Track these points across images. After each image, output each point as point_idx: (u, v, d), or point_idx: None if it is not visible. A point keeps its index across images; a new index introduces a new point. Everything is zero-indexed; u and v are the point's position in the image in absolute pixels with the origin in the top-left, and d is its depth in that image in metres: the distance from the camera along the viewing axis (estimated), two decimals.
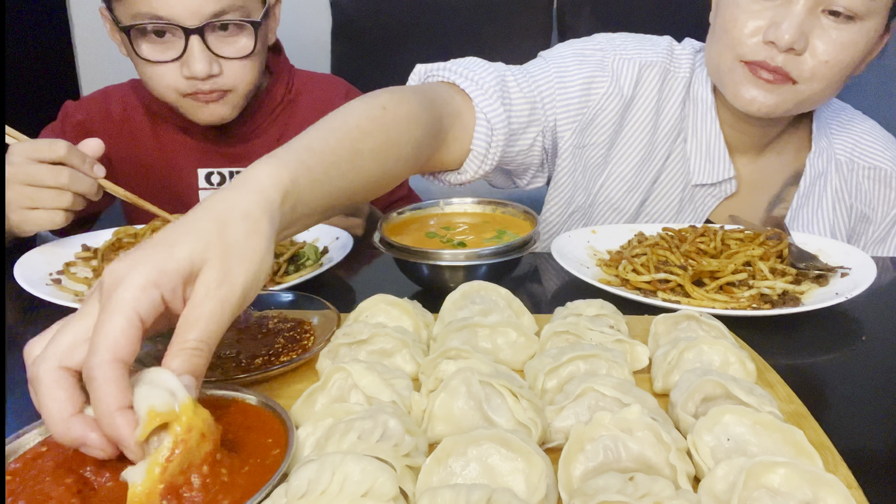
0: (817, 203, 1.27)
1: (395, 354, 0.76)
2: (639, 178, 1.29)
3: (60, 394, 0.54)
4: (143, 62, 1.28)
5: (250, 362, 0.77)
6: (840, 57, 1.09)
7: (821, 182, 1.27)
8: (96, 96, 1.51)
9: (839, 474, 0.58)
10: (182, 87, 1.30)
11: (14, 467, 0.58)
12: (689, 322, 0.80)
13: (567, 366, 0.70)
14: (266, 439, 0.60)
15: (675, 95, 1.27)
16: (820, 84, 1.12)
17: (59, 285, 1.01)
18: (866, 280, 0.94)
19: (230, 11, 1.27)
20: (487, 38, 2.37)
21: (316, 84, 1.56)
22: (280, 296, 0.91)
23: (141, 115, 1.47)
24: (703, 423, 0.60)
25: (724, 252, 1.04)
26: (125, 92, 1.50)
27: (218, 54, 1.28)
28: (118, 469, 0.54)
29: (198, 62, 1.25)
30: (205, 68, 1.26)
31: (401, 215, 1.12)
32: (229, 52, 1.29)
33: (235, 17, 1.28)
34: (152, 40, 1.27)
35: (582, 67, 1.25)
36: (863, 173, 1.27)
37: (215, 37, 1.28)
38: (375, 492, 0.52)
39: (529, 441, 0.57)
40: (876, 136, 1.30)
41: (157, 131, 1.47)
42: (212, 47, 1.27)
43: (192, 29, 1.24)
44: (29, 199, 1.02)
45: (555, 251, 1.05)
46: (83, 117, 1.47)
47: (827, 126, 1.30)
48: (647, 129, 1.27)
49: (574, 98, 1.23)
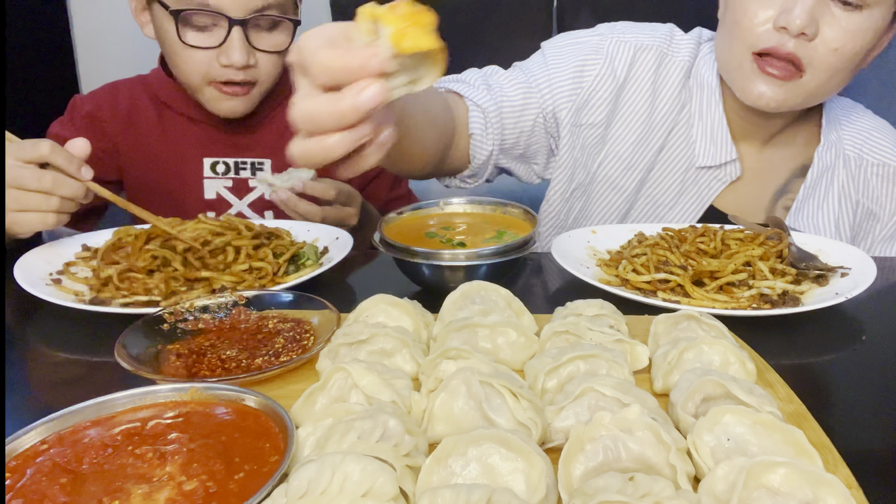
0: (823, 196, 1.28)
1: (395, 354, 0.76)
2: (636, 157, 1.31)
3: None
4: (179, 45, 1.32)
5: (250, 362, 0.77)
6: (849, 45, 1.10)
7: (828, 175, 1.28)
8: (104, 89, 1.53)
9: (839, 474, 0.58)
10: (215, 73, 1.33)
11: (12, 465, 0.58)
12: (689, 322, 0.80)
13: (567, 366, 0.70)
14: (264, 444, 0.60)
15: (673, 79, 1.29)
16: (827, 73, 1.13)
17: (59, 285, 1.01)
18: (866, 280, 0.94)
19: (272, 8, 1.32)
20: (487, 38, 2.37)
21: None
22: (280, 296, 0.91)
23: (148, 106, 1.49)
24: (703, 423, 0.60)
25: (724, 252, 1.04)
26: (133, 85, 1.52)
27: (255, 47, 1.33)
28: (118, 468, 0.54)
29: (237, 52, 1.30)
30: (243, 58, 1.31)
31: (400, 215, 1.12)
32: (266, 46, 1.35)
33: (276, 14, 1.33)
34: (195, 26, 1.30)
35: (576, 51, 1.31)
36: (871, 170, 1.28)
37: (254, 30, 1.33)
38: (375, 492, 0.52)
39: (529, 441, 0.57)
40: (885, 134, 1.30)
41: (163, 121, 1.49)
42: (250, 39, 1.32)
43: (237, 20, 1.28)
44: (16, 202, 1.01)
45: (555, 251, 1.05)
46: (91, 108, 1.48)
47: (837, 121, 1.30)
48: (643, 110, 1.30)
49: (567, 80, 1.28)
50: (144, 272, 1.01)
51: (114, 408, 0.65)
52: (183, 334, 0.84)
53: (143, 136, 1.49)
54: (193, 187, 1.48)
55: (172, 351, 0.80)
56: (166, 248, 1.05)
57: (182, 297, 0.96)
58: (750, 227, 1.13)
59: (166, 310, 0.86)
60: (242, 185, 1.49)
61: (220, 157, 1.49)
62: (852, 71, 1.16)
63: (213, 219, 1.13)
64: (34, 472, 0.57)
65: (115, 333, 0.79)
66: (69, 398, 0.65)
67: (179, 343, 0.82)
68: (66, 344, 0.91)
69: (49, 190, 1.02)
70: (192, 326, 0.86)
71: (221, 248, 1.06)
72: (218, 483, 0.55)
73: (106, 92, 1.52)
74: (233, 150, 1.49)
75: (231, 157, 1.49)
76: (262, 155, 1.49)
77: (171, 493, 0.54)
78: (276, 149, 1.42)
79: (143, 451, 0.59)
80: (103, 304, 0.96)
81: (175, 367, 0.77)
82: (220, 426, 0.63)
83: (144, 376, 0.73)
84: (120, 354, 0.76)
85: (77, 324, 0.94)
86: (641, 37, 1.31)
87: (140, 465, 0.57)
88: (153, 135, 1.49)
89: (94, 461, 0.58)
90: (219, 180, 1.49)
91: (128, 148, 1.49)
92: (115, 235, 1.11)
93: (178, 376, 0.75)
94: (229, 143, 1.49)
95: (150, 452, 0.59)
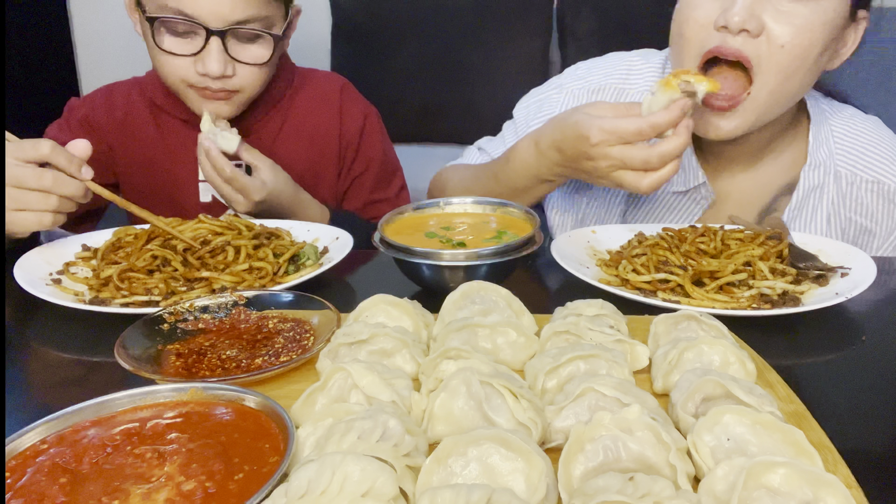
0: (810, 216, 1.25)
1: (395, 354, 0.76)
2: (614, 191, 1.34)
3: None
4: (159, 50, 1.30)
5: (250, 362, 0.77)
6: (797, 40, 1.07)
7: (815, 194, 1.25)
8: (100, 92, 1.53)
9: (839, 474, 0.58)
10: (192, 80, 1.32)
11: (12, 465, 0.58)
12: (689, 322, 0.80)
13: (567, 366, 0.70)
14: (263, 444, 0.60)
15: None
16: (778, 75, 1.09)
17: (59, 285, 1.01)
18: (866, 280, 0.94)
19: (254, 21, 1.29)
20: (487, 38, 2.37)
21: (314, 80, 1.58)
22: (280, 296, 0.91)
23: (144, 109, 1.49)
24: (703, 423, 0.60)
25: (724, 252, 1.04)
26: (129, 88, 1.52)
27: (234, 58, 1.31)
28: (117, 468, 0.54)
29: (213, 62, 1.28)
30: (219, 69, 1.28)
31: (401, 215, 1.12)
32: (245, 58, 1.32)
33: (258, 28, 1.30)
34: (173, 32, 1.29)
35: (537, 109, 1.40)
36: (865, 186, 1.24)
37: (234, 41, 1.30)
38: (375, 492, 0.52)
39: (529, 441, 0.57)
40: (882, 149, 1.25)
41: (159, 124, 1.48)
42: (229, 50, 1.29)
43: (215, 31, 1.26)
44: (15, 201, 1.01)
45: (555, 251, 1.05)
46: (87, 112, 1.48)
47: (829, 134, 1.26)
48: None
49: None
50: (144, 272, 1.01)
51: (114, 408, 0.65)
52: (183, 334, 0.84)
53: (138, 139, 1.48)
54: (189, 190, 1.48)
55: (172, 351, 0.81)
56: (166, 248, 1.05)
57: (182, 297, 0.96)
58: (750, 227, 1.13)
59: (166, 310, 0.86)
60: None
61: None
62: (810, 71, 1.11)
63: (214, 219, 1.13)
64: (34, 471, 0.57)
65: (115, 333, 0.79)
66: (69, 398, 0.65)
67: (179, 343, 0.82)
68: (66, 344, 0.91)
69: (48, 189, 1.02)
70: (192, 326, 0.86)
71: (221, 247, 1.06)
72: (217, 483, 0.55)
73: (101, 96, 1.51)
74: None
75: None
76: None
77: (170, 494, 0.54)
78: (269, 152, 1.41)
79: (143, 451, 0.59)
80: (103, 304, 0.96)
81: (175, 367, 0.77)
82: (219, 426, 0.63)
83: (144, 376, 0.73)
84: (120, 354, 0.76)
85: (77, 324, 0.94)
86: (594, 79, 1.37)
87: (139, 465, 0.57)
88: (149, 138, 1.48)
89: (94, 461, 0.58)
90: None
91: (123, 151, 1.48)
92: (115, 235, 1.11)
93: (178, 376, 0.75)
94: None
95: (149, 452, 0.59)
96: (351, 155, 1.57)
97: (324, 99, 1.56)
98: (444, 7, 2.39)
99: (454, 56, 2.39)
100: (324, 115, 1.55)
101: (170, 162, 1.48)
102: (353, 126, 1.56)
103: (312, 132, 1.53)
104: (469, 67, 2.40)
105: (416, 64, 2.43)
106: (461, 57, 2.39)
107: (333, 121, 1.55)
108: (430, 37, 2.41)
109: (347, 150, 1.57)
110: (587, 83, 1.37)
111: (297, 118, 1.53)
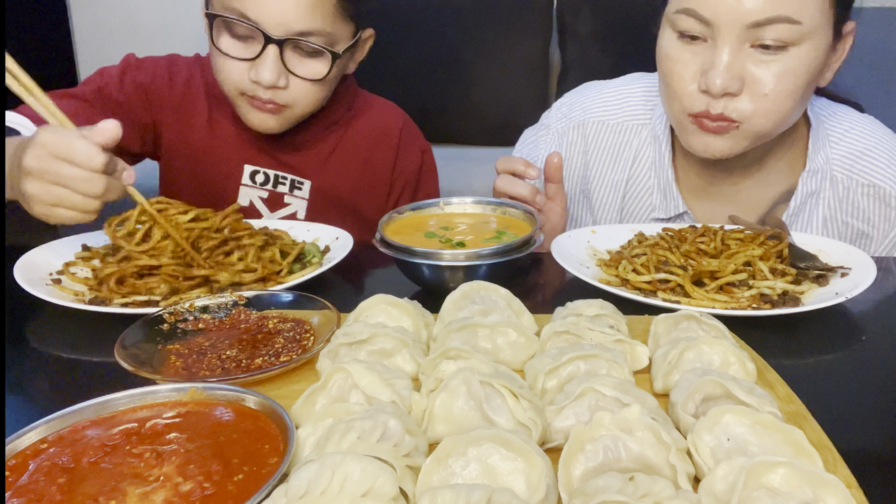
0: (806, 221, 1.25)
1: (395, 354, 0.76)
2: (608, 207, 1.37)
3: None
4: (217, 52, 1.27)
5: (250, 362, 0.77)
6: (780, 87, 1.06)
7: (812, 200, 1.25)
8: (162, 61, 1.46)
9: (839, 474, 0.58)
10: (244, 86, 1.28)
11: (12, 464, 0.58)
12: (690, 322, 0.80)
13: (567, 366, 0.70)
14: (263, 445, 0.60)
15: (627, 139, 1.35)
16: (768, 119, 1.09)
17: (59, 285, 1.01)
18: (866, 280, 0.94)
19: (316, 35, 1.25)
20: (487, 38, 2.37)
21: (375, 108, 1.54)
22: (280, 296, 0.91)
23: (201, 95, 1.44)
24: (703, 424, 0.60)
25: (724, 252, 1.03)
26: (190, 66, 1.46)
27: (290, 69, 1.27)
28: (116, 468, 0.54)
29: (267, 70, 1.24)
30: (272, 78, 1.24)
31: (401, 215, 1.12)
32: (301, 72, 1.28)
33: (318, 42, 1.26)
34: (233, 34, 1.26)
35: (531, 150, 1.41)
36: (861, 190, 1.23)
37: (292, 52, 1.27)
38: (375, 492, 0.52)
39: (529, 441, 0.57)
40: (880, 153, 1.23)
41: (212, 116, 1.44)
42: (286, 61, 1.26)
43: (274, 39, 1.23)
44: (56, 198, 0.96)
45: (555, 251, 1.05)
46: (146, 80, 1.42)
47: (826, 139, 1.25)
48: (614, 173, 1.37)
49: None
50: (146, 270, 1.00)
51: (113, 408, 0.65)
52: (183, 334, 0.84)
53: (189, 125, 1.44)
54: (229, 190, 1.44)
55: (172, 351, 0.81)
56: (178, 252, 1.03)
57: (182, 297, 0.96)
58: (750, 227, 1.13)
59: (166, 310, 0.86)
60: (277, 199, 1.45)
61: (262, 167, 1.44)
62: (800, 100, 1.11)
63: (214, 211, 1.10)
64: (33, 471, 0.57)
65: (115, 333, 0.79)
66: (69, 398, 0.65)
67: (179, 343, 0.82)
68: (66, 344, 0.91)
69: (98, 196, 0.96)
70: (192, 326, 0.86)
71: (220, 243, 1.05)
72: (215, 484, 0.55)
73: (163, 66, 1.44)
74: (275, 164, 1.45)
75: (273, 169, 1.45)
76: (304, 175, 1.45)
77: (168, 494, 0.54)
78: (318, 172, 1.38)
79: (141, 452, 0.59)
80: (103, 304, 0.96)
81: (175, 367, 0.77)
82: (219, 427, 0.63)
83: (144, 376, 0.73)
84: (120, 354, 0.76)
85: (77, 324, 0.94)
86: (575, 115, 1.39)
87: (138, 465, 0.57)
88: (200, 127, 1.44)
89: (93, 461, 0.58)
90: (255, 189, 1.45)
91: (174, 131, 1.43)
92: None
93: (178, 376, 0.75)
94: (273, 156, 1.45)
95: (147, 452, 0.59)
96: (409, 191, 1.55)
97: (383, 132, 1.52)
98: (444, 7, 2.39)
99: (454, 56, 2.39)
100: (380, 148, 1.51)
101: (215, 156, 1.44)
102: (410, 164, 1.54)
103: (365, 162, 1.50)
104: (469, 67, 2.40)
105: (415, 64, 2.43)
106: (461, 57, 2.39)
107: (389, 155, 1.52)
108: (430, 37, 2.41)
109: (405, 186, 1.54)
110: (570, 121, 1.39)
111: (351, 143, 1.49)
